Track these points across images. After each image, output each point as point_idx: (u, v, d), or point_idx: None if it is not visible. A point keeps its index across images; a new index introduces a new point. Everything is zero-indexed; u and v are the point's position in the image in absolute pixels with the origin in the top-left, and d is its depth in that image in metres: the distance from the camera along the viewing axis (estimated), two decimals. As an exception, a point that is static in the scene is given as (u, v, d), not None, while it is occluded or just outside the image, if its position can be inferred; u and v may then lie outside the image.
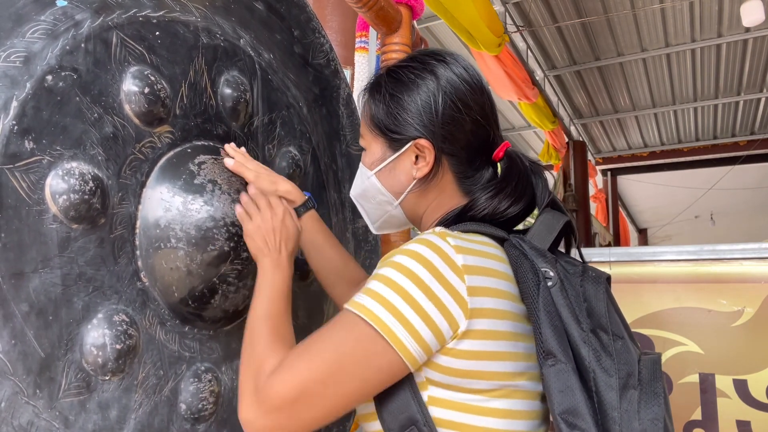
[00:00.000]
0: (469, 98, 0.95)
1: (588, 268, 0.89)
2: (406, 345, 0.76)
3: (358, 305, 0.78)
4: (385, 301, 0.77)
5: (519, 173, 0.95)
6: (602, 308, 0.83)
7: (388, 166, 0.99)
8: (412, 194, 0.98)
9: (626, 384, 0.77)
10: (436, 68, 0.96)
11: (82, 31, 0.85)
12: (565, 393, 0.76)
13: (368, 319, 0.76)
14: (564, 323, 0.80)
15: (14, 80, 0.77)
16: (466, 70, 0.97)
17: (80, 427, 0.82)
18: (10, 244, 0.75)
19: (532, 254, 0.84)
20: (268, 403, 0.77)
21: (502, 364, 0.81)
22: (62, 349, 0.80)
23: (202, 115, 1.06)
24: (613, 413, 0.75)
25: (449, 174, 0.97)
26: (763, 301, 1.98)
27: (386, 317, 0.76)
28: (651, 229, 14.39)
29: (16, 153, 0.76)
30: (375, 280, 0.80)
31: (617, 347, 0.80)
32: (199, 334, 1.02)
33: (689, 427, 2.00)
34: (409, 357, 0.76)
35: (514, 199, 0.93)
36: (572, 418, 0.75)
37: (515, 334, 0.83)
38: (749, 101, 8.17)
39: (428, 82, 0.95)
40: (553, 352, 0.77)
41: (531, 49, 6.68)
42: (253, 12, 1.20)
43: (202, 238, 0.97)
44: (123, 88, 0.91)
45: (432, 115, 0.94)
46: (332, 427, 1.33)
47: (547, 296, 0.81)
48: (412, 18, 1.78)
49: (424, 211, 1.00)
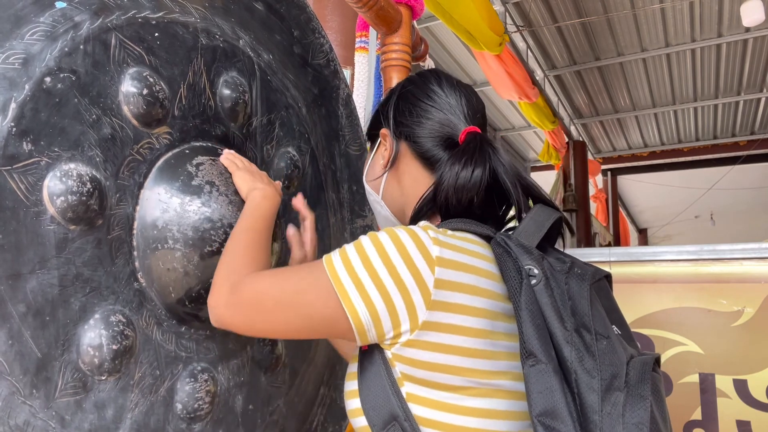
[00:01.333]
0: (418, 88, 1.05)
1: (576, 264, 0.88)
2: (357, 308, 0.79)
3: (329, 261, 0.84)
4: (350, 267, 0.81)
5: (473, 144, 0.97)
6: (586, 306, 0.81)
7: (370, 165, 1.11)
8: (389, 186, 1.05)
9: (610, 386, 0.75)
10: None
11: (81, 33, 0.85)
12: (544, 394, 0.74)
13: (330, 277, 0.82)
14: (547, 322, 0.78)
15: (13, 82, 0.77)
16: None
17: (76, 427, 0.82)
18: (7, 245, 0.75)
19: (517, 251, 0.83)
20: (235, 298, 0.86)
21: (475, 362, 0.80)
22: (59, 349, 0.81)
23: (201, 116, 1.06)
24: (594, 416, 0.73)
25: (415, 160, 1.02)
26: (763, 301, 1.98)
27: (346, 280, 0.80)
28: (651, 229, 14.39)
29: (14, 154, 0.77)
30: (352, 245, 0.85)
31: (601, 347, 0.78)
32: (195, 334, 1.02)
33: (689, 427, 2.00)
34: (356, 320, 0.79)
35: (475, 163, 0.93)
36: (550, 420, 0.73)
37: (493, 333, 0.82)
38: (749, 101, 8.17)
39: (393, 89, 1.10)
40: (534, 352, 0.76)
41: (531, 49, 6.68)
42: (252, 13, 1.20)
43: (199, 239, 0.98)
44: (121, 90, 0.91)
45: (387, 106, 1.07)
46: (328, 426, 1.34)
47: (529, 294, 0.80)
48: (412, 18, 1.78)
49: (404, 202, 1.03)
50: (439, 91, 1.03)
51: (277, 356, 1.18)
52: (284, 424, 1.20)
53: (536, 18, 6.18)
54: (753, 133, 9.19)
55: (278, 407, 1.18)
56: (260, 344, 1.15)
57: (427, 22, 5.80)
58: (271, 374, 1.17)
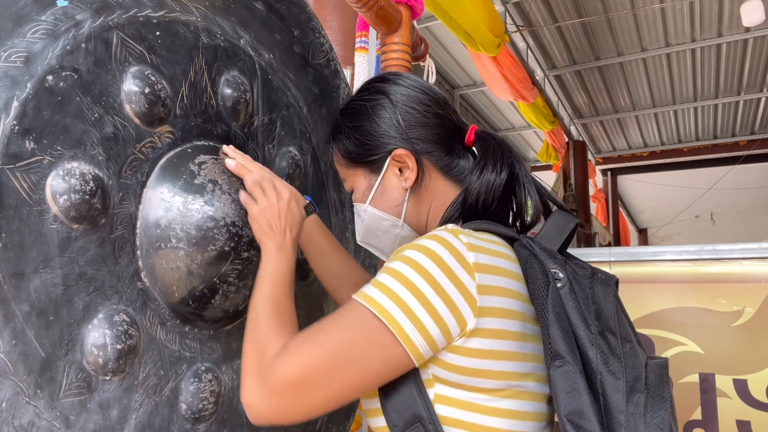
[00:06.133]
0: (422, 99, 1.01)
1: (597, 270, 0.89)
2: (413, 339, 0.75)
3: (366, 297, 0.78)
4: (393, 294, 0.76)
5: (493, 146, 0.98)
6: (611, 311, 0.83)
7: (378, 189, 1.01)
8: (411, 206, 1.00)
9: (633, 387, 0.77)
10: (383, 87, 1.02)
11: (82, 31, 0.85)
12: (572, 394, 0.75)
13: (375, 311, 0.76)
14: (572, 325, 0.79)
15: (15, 80, 0.77)
16: (410, 79, 1.03)
17: (81, 427, 0.82)
18: (10, 244, 0.75)
19: (542, 255, 0.84)
20: (272, 386, 0.77)
21: (509, 364, 0.81)
22: (63, 349, 0.80)
23: (203, 115, 1.06)
24: (619, 416, 0.74)
25: (435, 172, 1.00)
26: (763, 301, 1.98)
27: (393, 310, 0.76)
28: (651, 229, 14.38)
29: (17, 153, 0.77)
30: (384, 273, 0.80)
31: (625, 350, 0.79)
32: (199, 334, 1.02)
33: (689, 427, 2.00)
34: (414, 351, 0.76)
35: (498, 169, 0.95)
36: (578, 419, 0.74)
37: (524, 335, 0.83)
38: (749, 101, 8.17)
39: (381, 100, 1.00)
40: (561, 353, 0.77)
41: (531, 49, 6.68)
42: (253, 12, 1.20)
43: (202, 238, 0.97)
44: (123, 88, 0.91)
45: (396, 124, 0.99)
46: (332, 426, 1.33)
47: (556, 297, 0.80)
48: (412, 18, 1.78)
49: (426, 217, 1.01)
50: (431, 97, 1.02)
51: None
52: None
53: (536, 18, 6.18)
54: (753, 133, 9.19)
55: (280, 407, 1.18)
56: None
57: (427, 22, 5.80)
58: (274, 374, 1.17)
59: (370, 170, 1.01)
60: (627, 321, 0.88)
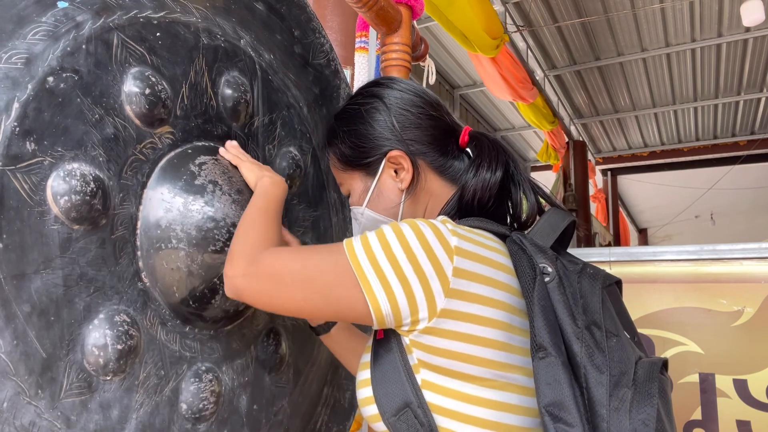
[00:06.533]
0: (416, 101, 1.03)
1: (587, 265, 0.90)
2: (376, 294, 0.80)
3: (351, 247, 0.84)
4: (371, 254, 0.82)
5: (488, 146, 1.01)
6: (597, 304, 0.83)
7: (375, 192, 1.04)
8: (407, 207, 1.03)
9: (618, 382, 0.77)
10: (377, 91, 1.04)
11: (83, 33, 0.86)
12: (552, 386, 0.76)
13: (351, 262, 0.82)
14: (558, 318, 0.80)
15: (16, 82, 0.77)
16: (404, 83, 1.06)
17: (82, 427, 0.82)
18: (12, 245, 0.75)
19: (532, 250, 0.86)
20: (254, 269, 0.87)
21: (493, 353, 0.81)
22: (64, 349, 0.81)
23: (203, 115, 1.06)
24: (602, 410, 0.75)
25: (431, 173, 1.02)
26: (763, 301, 1.98)
27: (366, 266, 0.81)
28: (651, 229, 14.39)
29: (17, 154, 0.77)
30: (374, 233, 0.85)
31: (611, 345, 0.80)
32: (199, 334, 1.02)
33: (689, 427, 2.01)
34: (375, 305, 0.80)
35: (494, 168, 0.98)
36: (557, 410, 0.75)
37: (511, 326, 0.83)
38: (749, 101, 8.18)
39: (375, 104, 1.03)
40: (544, 345, 0.78)
41: (531, 49, 6.68)
42: (253, 12, 1.20)
43: (202, 238, 0.98)
44: (124, 89, 0.91)
45: (390, 126, 1.02)
46: (332, 426, 1.34)
47: (542, 290, 0.82)
48: (412, 18, 1.78)
49: (423, 217, 1.02)
50: (424, 99, 1.04)
51: (281, 356, 1.18)
52: (289, 424, 1.20)
53: (536, 18, 6.18)
54: (753, 133, 9.20)
55: (283, 407, 1.18)
56: (264, 344, 1.15)
57: (427, 22, 5.80)
58: (276, 374, 1.17)
59: (366, 173, 1.04)
60: (626, 320, 0.89)
